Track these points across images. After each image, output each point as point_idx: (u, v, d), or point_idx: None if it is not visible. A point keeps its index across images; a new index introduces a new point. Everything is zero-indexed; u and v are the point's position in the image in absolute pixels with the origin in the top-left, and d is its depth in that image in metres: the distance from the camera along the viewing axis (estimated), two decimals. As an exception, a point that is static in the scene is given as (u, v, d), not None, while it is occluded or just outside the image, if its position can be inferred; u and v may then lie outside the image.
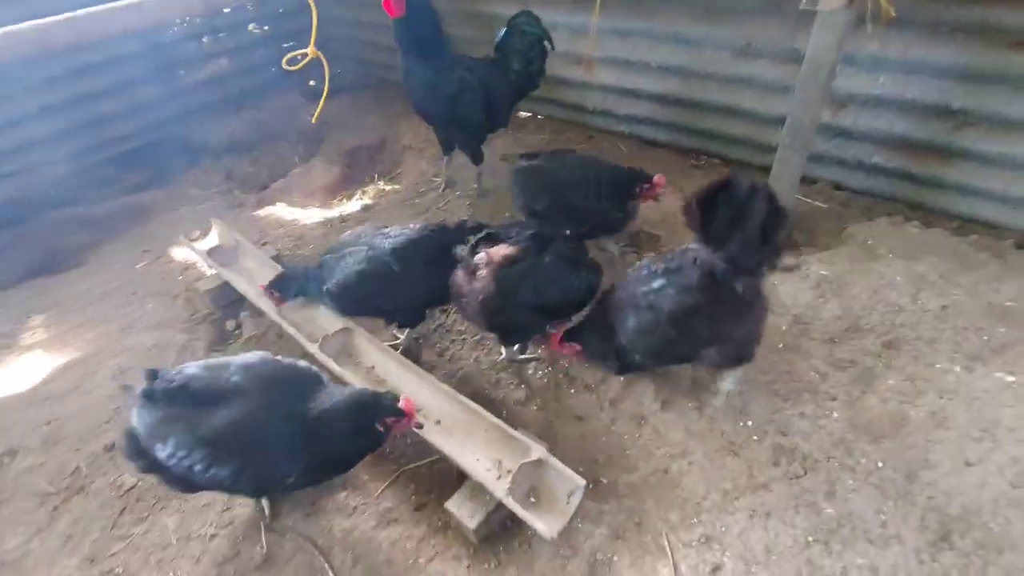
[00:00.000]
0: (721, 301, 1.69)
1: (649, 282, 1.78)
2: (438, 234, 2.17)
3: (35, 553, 1.82)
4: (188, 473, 1.47)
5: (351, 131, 4.20)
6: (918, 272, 2.32)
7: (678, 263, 1.75)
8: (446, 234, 2.17)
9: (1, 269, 3.39)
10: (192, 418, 1.48)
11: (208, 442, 1.46)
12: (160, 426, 1.48)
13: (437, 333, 2.49)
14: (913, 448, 1.75)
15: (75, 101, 3.88)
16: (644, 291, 1.78)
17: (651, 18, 3.11)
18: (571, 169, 2.52)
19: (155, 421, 1.49)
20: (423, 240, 2.14)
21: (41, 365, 2.52)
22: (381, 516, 1.85)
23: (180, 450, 1.45)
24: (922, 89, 2.56)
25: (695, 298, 1.68)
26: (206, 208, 3.55)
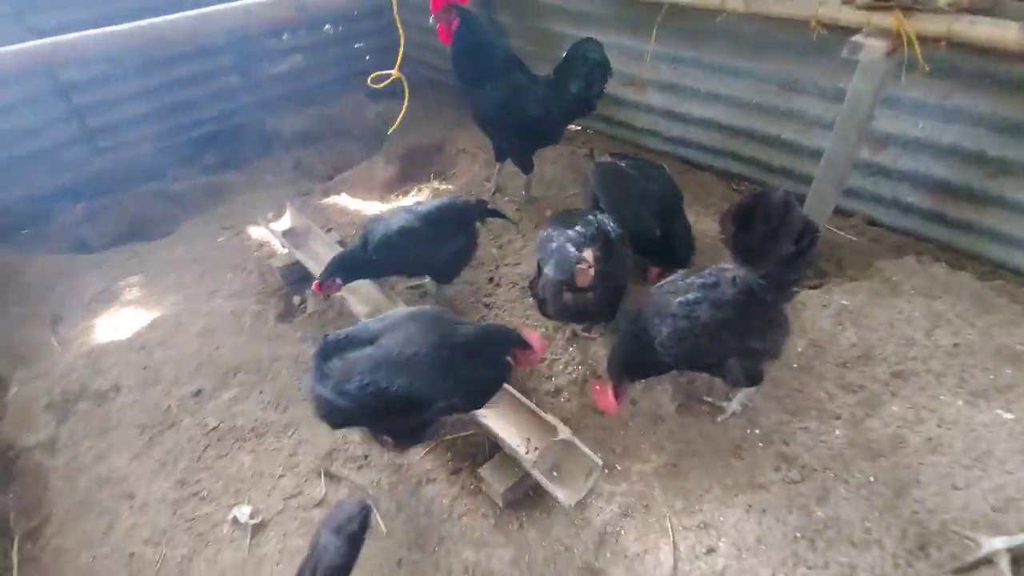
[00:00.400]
0: (752, 316, 1.83)
1: (684, 294, 1.93)
2: (461, 204, 2.69)
3: (136, 473, 2.18)
4: (376, 396, 1.74)
5: (411, 132, 4.50)
6: (936, 310, 2.45)
7: (715, 279, 1.87)
8: (467, 206, 2.70)
9: (96, 232, 3.85)
10: (365, 352, 1.80)
11: (382, 362, 1.77)
12: (343, 370, 1.78)
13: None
14: (906, 468, 1.91)
15: (165, 86, 4.29)
16: (679, 302, 1.92)
17: (702, 49, 3.29)
18: (648, 182, 2.65)
19: (338, 369, 1.79)
20: (448, 208, 2.63)
21: (138, 318, 2.90)
22: (422, 475, 2.13)
23: (365, 377, 1.74)
24: (960, 135, 2.67)
25: (728, 312, 1.82)
26: (278, 193, 3.92)
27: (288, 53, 5.01)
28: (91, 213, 3.95)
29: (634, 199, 2.57)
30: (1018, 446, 1.89)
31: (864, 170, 3.01)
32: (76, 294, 3.10)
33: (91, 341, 2.77)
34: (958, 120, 2.64)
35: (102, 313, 2.96)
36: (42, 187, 3.94)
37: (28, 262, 3.34)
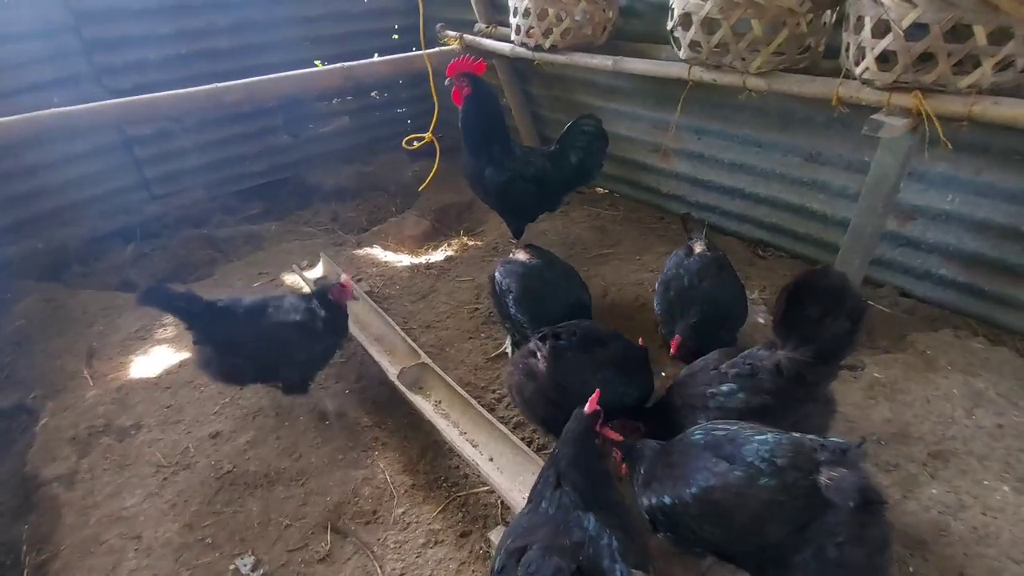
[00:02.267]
0: (796, 401, 1.75)
1: (718, 384, 1.84)
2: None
3: (146, 513, 2.17)
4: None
5: (444, 190, 4.71)
6: (976, 388, 2.33)
7: (750, 368, 1.78)
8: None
9: (142, 273, 4.04)
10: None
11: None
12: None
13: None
14: (950, 559, 1.76)
15: (220, 142, 4.64)
16: (712, 392, 1.84)
17: (727, 122, 3.40)
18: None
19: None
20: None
21: (168, 357, 2.99)
22: (430, 536, 2.06)
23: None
24: (993, 211, 2.63)
25: (766, 400, 1.73)
26: (314, 243, 4.09)
27: (336, 115, 5.37)
28: (139, 255, 4.17)
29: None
30: (1075, 542, 1.73)
31: (892, 241, 2.98)
32: (114, 330, 3.22)
33: (122, 377, 2.86)
34: (991, 195, 2.62)
35: (136, 350, 3.07)
36: (97, 229, 4.22)
37: (74, 296, 3.51)
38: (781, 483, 1.37)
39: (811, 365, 1.67)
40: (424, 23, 5.13)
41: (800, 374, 1.68)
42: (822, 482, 1.33)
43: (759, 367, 1.77)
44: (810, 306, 1.66)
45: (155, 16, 4.02)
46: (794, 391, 1.72)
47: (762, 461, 1.41)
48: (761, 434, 1.49)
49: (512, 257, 2.69)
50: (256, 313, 2.38)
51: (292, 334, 2.37)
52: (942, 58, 2.05)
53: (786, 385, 1.71)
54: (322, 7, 4.76)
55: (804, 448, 1.40)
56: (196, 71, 4.08)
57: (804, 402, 1.78)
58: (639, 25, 3.51)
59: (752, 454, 1.43)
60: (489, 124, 3.17)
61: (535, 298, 2.50)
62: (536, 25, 3.34)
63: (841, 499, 1.30)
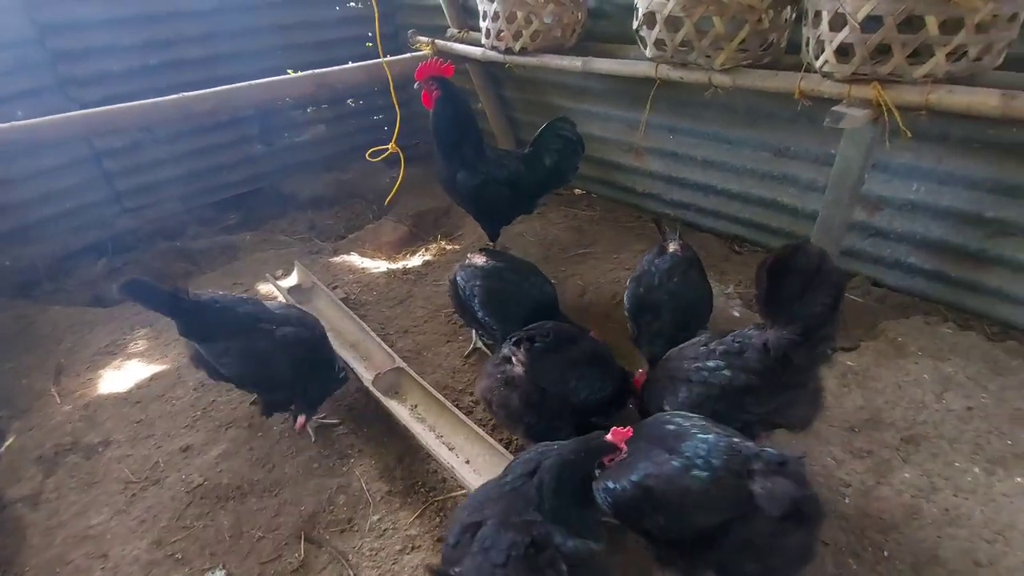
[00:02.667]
0: (781, 385, 1.73)
1: (704, 359, 1.85)
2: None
3: (113, 531, 2.11)
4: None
5: (421, 196, 4.69)
6: (946, 372, 2.37)
7: (739, 346, 1.78)
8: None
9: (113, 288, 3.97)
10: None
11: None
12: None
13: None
14: (923, 542, 1.78)
15: (194, 153, 4.57)
16: (698, 367, 1.85)
17: (697, 119, 3.43)
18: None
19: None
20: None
21: (138, 372, 2.93)
22: (407, 542, 2.03)
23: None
24: (956, 198, 2.69)
25: (751, 380, 1.73)
26: (289, 252, 4.05)
27: (311, 124, 5.34)
28: (111, 270, 4.09)
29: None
30: (1043, 519, 1.76)
31: (862, 231, 3.03)
32: (83, 346, 3.15)
33: (90, 393, 2.79)
34: (952, 183, 2.67)
35: (105, 366, 3.00)
36: (68, 245, 4.12)
37: (43, 313, 3.43)
38: (711, 478, 1.43)
39: (798, 344, 1.64)
40: (389, 29, 5.14)
41: (787, 355, 1.66)
42: (756, 490, 1.40)
43: (747, 345, 1.76)
44: (790, 281, 1.64)
45: (122, 26, 3.97)
46: (780, 372, 1.70)
47: (698, 458, 1.47)
48: (706, 432, 1.54)
49: (470, 260, 2.67)
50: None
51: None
52: (897, 49, 2.09)
53: (772, 365, 1.69)
54: (295, 15, 4.74)
55: (740, 454, 1.47)
56: (166, 81, 4.04)
57: (789, 387, 1.76)
58: (608, 26, 3.54)
59: (691, 450, 1.50)
60: (460, 127, 3.15)
61: (501, 299, 2.49)
62: (506, 28, 3.35)
63: (770, 507, 1.37)
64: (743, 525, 1.40)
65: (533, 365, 2.03)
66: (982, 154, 2.54)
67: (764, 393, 1.75)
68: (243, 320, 2.20)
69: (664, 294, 2.34)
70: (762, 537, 1.39)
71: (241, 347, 2.17)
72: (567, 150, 3.28)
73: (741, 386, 1.74)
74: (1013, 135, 2.43)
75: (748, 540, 1.40)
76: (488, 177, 3.14)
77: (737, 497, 1.41)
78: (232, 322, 2.18)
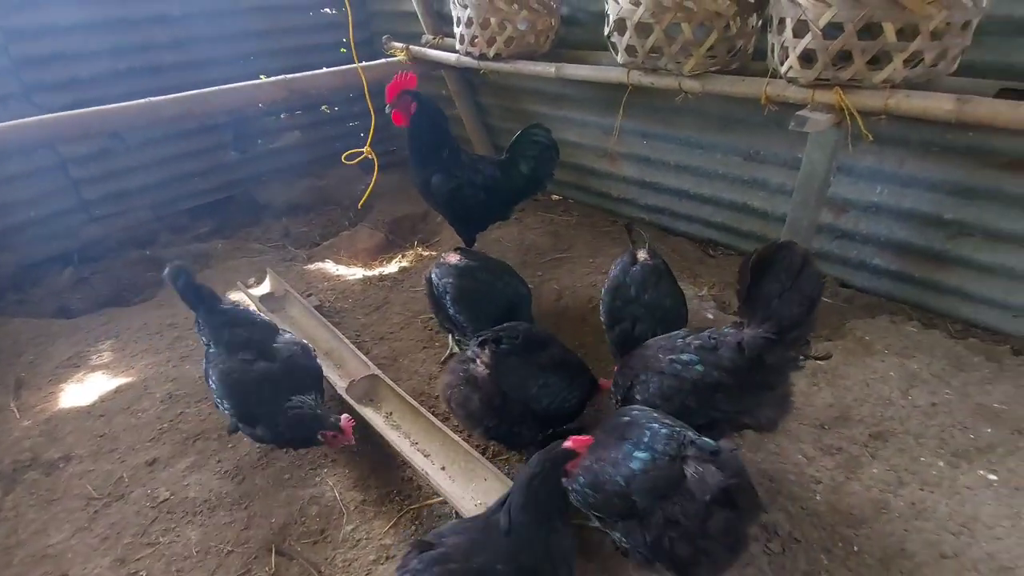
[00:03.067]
0: (752, 386, 1.74)
1: (679, 352, 1.85)
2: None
3: (75, 549, 2.03)
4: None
5: (398, 202, 4.67)
6: (912, 369, 2.42)
7: (715, 343, 1.79)
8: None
9: (81, 298, 3.85)
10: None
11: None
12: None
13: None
14: (891, 536, 1.81)
15: (165, 160, 4.49)
16: (672, 359, 1.85)
17: (669, 125, 3.49)
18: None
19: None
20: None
21: (102, 385, 2.84)
22: (381, 552, 1.99)
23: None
24: (917, 200, 2.77)
25: (723, 377, 1.74)
26: (263, 260, 3.98)
27: (286, 130, 5.28)
28: (78, 279, 3.98)
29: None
30: (1005, 509, 1.80)
31: (829, 234, 3.10)
32: (45, 359, 3.05)
33: (51, 408, 2.69)
34: (914, 185, 2.75)
35: (68, 379, 2.90)
36: (33, 254, 4.01)
37: (4, 325, 3.32)
38: (650, 459, 1.52)
39: (772, 344, 1.65)
40: (364, 35, 5.13)
41: (760, 355, 1.67)
42: (688, 473, 1.47)
43: (722, 343, 1.77)
44: (772, 279, 1.66)
45: (90, 31, 3.89)
46: (752, 372, 1.70)
47: (642, 443, 1.56)
48: (655, 423, 1.61)
49: (444, 259, 2.66)
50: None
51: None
52: (857, 55, 2.15)
53: (745, 364, 1.70)
54: (269, 21, 4.70)
55: (679, 441, 1.55)
56: (137, 87, 3.94)
57: (760, 388, 1.77)
58: (581, 33, 3.58)
59: (637, 436, 1.58)
60: (437, 134, 3.14)
61: (473, 298, 2.48)
62: (480, 34, 3.37)
63: (699, 492, 1.44)
64: (675, 506, 1.47)
65: (497, 367, 2.02)
66: (940, 157, 2.63)
67: (734, 391, 1.76)
68: (236, 340, 2.25)
69: (640, 307, 2.31)
70: (692, 519, 1.45)
71: (220, 368, 2.18)
72: (543, 156, 3.29)
73: (712, 382, 1.76)
74: (969, 139, 2.52)
75: (677, 522, 1.46)
76: (463, 181, 3.14)
77: (671, 479, 1.48)
78: (231, 336, 2.26)
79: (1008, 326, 2.69)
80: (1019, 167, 2.43)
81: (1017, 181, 2.45)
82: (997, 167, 2.51)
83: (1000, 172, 2.50)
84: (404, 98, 3.02)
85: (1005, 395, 2.23)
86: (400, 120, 3.08)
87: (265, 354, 2.22)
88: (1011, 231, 2.54)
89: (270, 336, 2.32)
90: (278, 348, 2.26)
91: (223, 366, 2.18)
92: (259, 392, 2.10)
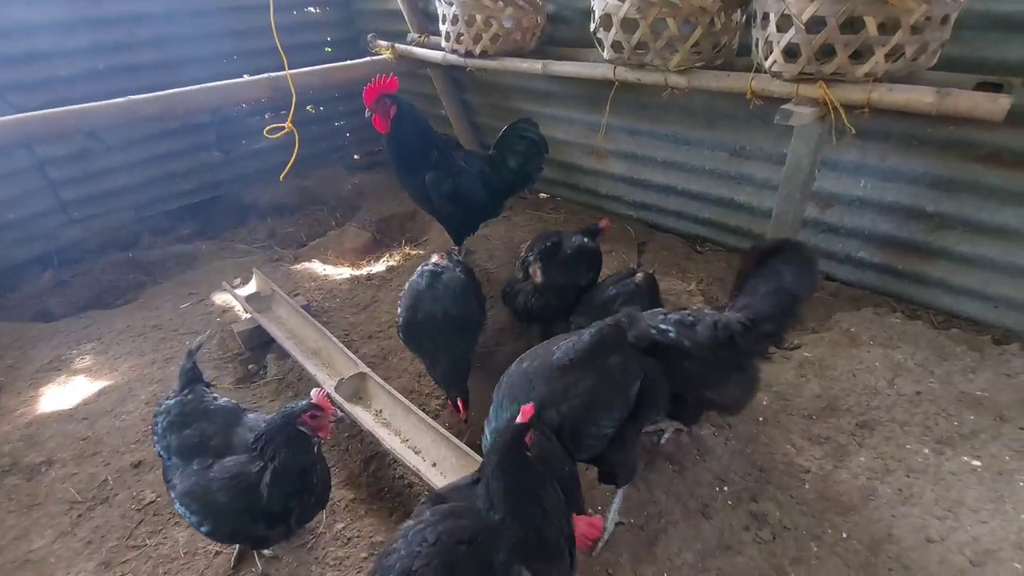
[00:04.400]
0: (721, 367, 1.77)
1: (658, 323, 1.85)
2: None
3: (57, 554, 1.99)
4: None
5: (385, 201, 4.65)
6: (896, 359, 2.46)
7: (693, 319, 1.81)
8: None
9: (60, 301, 3.78)
10: None
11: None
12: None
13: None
14: (878, 522, 1.83)
15: (147, 161, 4.42)
16: (650, 324, 1.83)
17: (656, 121, 3.50)
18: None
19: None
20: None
21: (84, 388, 2.78)
22: (372, 549, 1.97)
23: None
24: (899, 193, 2.81)
25: (693, 348, 1.74)
26: (248, 260, 3.93)
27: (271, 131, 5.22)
28: (58, 282, 3.91)
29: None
30: (988, 494, 1.84)
31: (814, 228, 3.13)
32: (25, 362, 2.98)
33: (32, 412, 2.63)
34: (896, 179, 2.79)
35: (49, 382, 2.84)
36: (11, 257, 3.93)
37: (-20, 330, 3.24)
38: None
39: (746, 330, 1.68)
40: (350, 34, 5.10)
41: (732, 337, 1.70)
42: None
43: (700, 320, 1.79)
44: (769, 271, 1.68)
45: (66, 30, 3.82)
46: (722, 351, 1.73)
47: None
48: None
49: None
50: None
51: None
52: (840, 49, 2.18)
53: (716, 342, 1.72)
54: (251, 20, 4.64)
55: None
56: (117, 87, 3.86)
57: (728, 367, 1.80)
58: (568, 31, 3.59)
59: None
60: (422, 136, 3.09)
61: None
62: (465, 31, 3.36)
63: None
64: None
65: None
66: (921, 151, 2.67)
67: (701, 365, 1.77)
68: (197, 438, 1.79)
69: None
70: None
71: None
72: (531, 151, 3.29)
73: (683, 349, 1.75)
74: (949, 132, 2.57)
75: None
76: (461, 177, 3.11)
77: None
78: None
79: (989, 316, 2.74)
80: (997, 159, 2.48)
81: (996, 173, 2.50)
82: (976, 160, 2.56)
83: (979, 165, 2.55)
84: (384, 101, 2.92)
85: (987, 383, 2.27)
86: (381, 126, 2.96)
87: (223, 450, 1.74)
88: (991, 223, 2.59)
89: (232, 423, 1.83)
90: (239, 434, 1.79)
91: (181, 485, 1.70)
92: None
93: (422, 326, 2.38)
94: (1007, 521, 1.77)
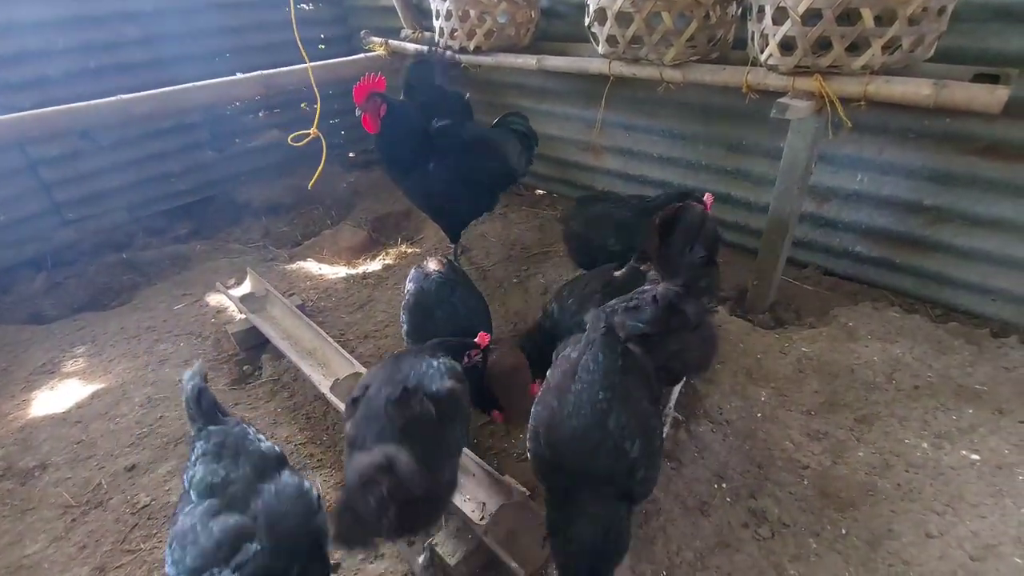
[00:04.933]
0: (672, 330, 1.85)
1: (625, 316, 1.88)
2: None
3: (51, 559, 1.97)
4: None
5: (381, 200, 4.62)
6: (895, 354, 2.45)
7: (636, 302, 1.89)
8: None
9: (54, 303, 3.74)
10: None
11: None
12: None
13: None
14: (878, 518, 1.82)
15: (140, 161, 4.39)
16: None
17: (652, 116, 3.48)
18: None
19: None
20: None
21: (77, 391, 2.76)
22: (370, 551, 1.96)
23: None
24: (897, 187, 2.80)
25: (648, 329, 1.83)
26: (243, 260, 3.90)
27: (264, 129, 5.18)
28: (52, 284, 3.87)
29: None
30: (987, 488, 1.83)
31: (812, 222, 3.12)
32: (18, 366, 2.95)
33: (25, 416, 2.61)
34: (892, 172, 2.78)
35: (42, 386, 2.81)
36: (3, 260, 3.89)
37: (-27, 334, 3.21)
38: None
39: (683, 296, 1.82)
40: (343, 31, 5.06)
41: (672, 303, 1.82)
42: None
43: (641, 300, 1.89)
44: (677, 237, 1.85)
45: (55, 28, 3.77)
46: (669, 319, 1.83)
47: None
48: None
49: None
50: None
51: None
52: (836, 41, 2.16)
53: (662, 314, 1.83)
54: (244, 18, 4.61)
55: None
56: (108, 86, 3.81)
57: (681, 330, 1.88)
58: (562, 26, 3.56)
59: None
60: (415, 134, 3.02)
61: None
62: (459, 27, 3.33)
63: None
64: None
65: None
66: (918, 144, 2.66)
67: (659, 339, 1.84)
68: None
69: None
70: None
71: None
72: (521, 144, 3.27)
73: (639, 335, 1.83)
74: (945, 125, 2.55)
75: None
76: (462, 168, 3.02)
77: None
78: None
79: (987, 309, 2.73)
80: (995, 152, 2.47)
81: (993, 166, 2.49)
82: (973, 152, 2.55)
83: (976, 157, 2.54)
84: (373, 100, 2.85)
85: (986, 376, 2.26)
86: (370, 126, 2.89)
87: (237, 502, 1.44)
88: (988, 216, 2.58)
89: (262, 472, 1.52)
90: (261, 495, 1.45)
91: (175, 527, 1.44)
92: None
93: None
94: (1007, 515, 1.76)
